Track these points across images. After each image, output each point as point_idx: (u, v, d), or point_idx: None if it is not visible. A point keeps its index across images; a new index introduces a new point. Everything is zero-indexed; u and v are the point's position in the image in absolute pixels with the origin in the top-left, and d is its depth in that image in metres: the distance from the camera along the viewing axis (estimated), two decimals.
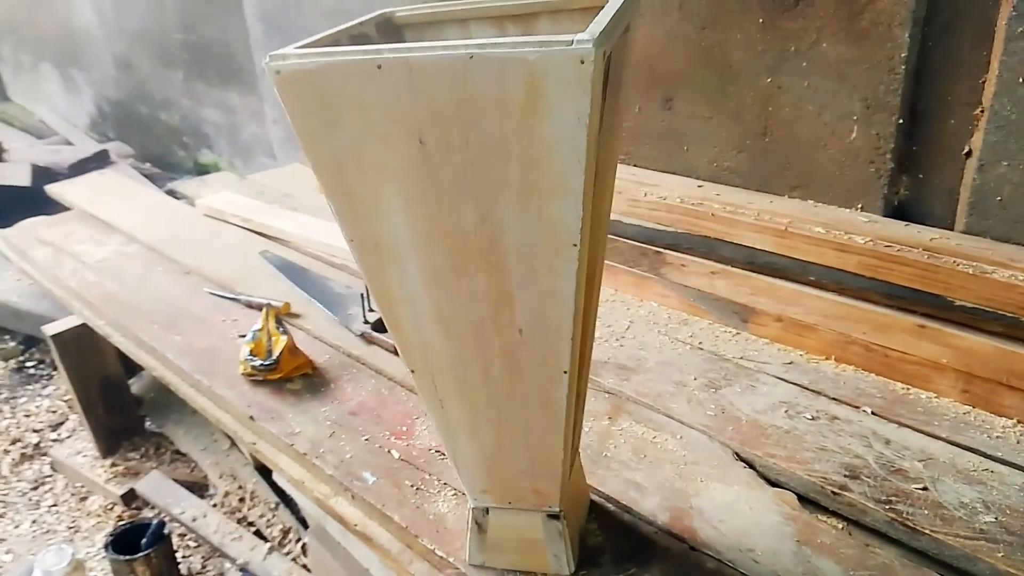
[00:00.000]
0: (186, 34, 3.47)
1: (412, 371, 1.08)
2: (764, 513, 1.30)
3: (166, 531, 1.94)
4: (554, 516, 1.18)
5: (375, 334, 1.83)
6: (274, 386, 1.71)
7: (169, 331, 1.96)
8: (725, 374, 1.65)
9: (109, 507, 2.25)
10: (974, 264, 1.43)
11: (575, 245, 0.90)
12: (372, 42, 1.10)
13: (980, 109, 1.43)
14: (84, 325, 2.22)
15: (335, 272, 2.22)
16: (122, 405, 2.36)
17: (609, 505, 1.34)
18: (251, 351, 1.72)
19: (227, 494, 2.14)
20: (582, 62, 0.78)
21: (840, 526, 1.30)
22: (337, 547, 1.80)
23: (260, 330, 1.74)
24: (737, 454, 1.43)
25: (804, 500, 1.34)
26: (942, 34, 1.44)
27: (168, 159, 4.05)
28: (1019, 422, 1.44)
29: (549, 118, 0.81)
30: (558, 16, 1.12)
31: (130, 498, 2.23)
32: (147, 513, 2.22)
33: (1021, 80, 1.35)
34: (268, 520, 2.06)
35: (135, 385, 2.51)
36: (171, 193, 2.99)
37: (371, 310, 1.89)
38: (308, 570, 1.92)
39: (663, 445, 1.46)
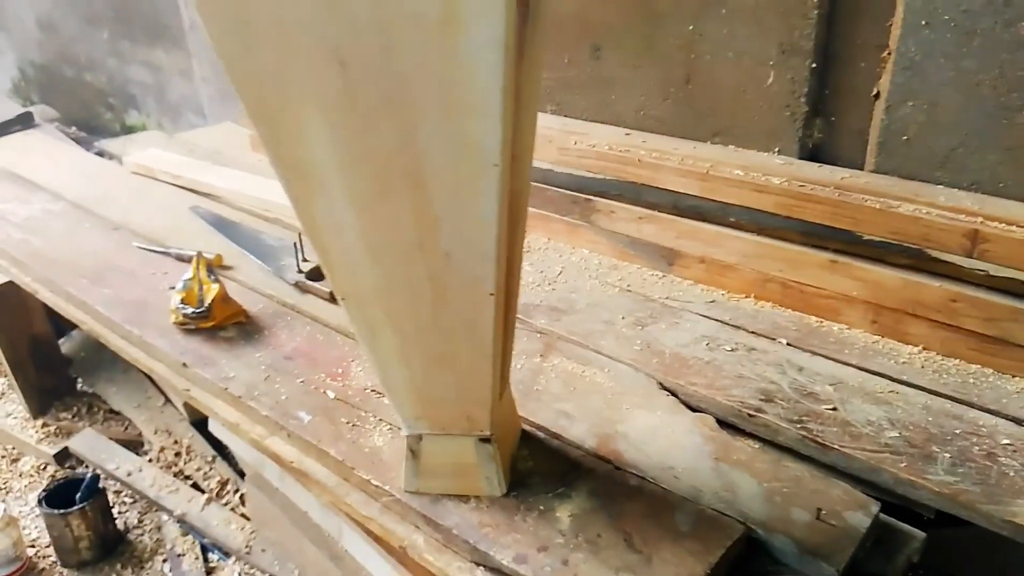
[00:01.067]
0: None
1: (342, 299, 1.10)
2: (685, 435, 1.37)
3: (100, 485, 1.93)
4: (485, 440, 1.22)
5: (309, 283, 1.84)
6: (207, 334, 1.71)
7: (98, 285, 1.94)
8: (651, 313, 1.71)
9: (42, 467, 2.22)
10: (881, 200, 1.51)
11: (496, 166, 0.93)
12: None
13: (887, 51, 1.50)
14: (10, 283, 2.17)
15: (267, 225, 2.21)
16: (52, 365, 2.32)
17: (540, 433, 1.39)
18: (183, 300, 1.71)
19: (162, 449, 2.13)
20: None
21: (756, 446, 1.37)
22: (275, 492, 1.81)
23: (191, 279, 1.73)
24: (661, 384, 1.50)
25: (723, 424, 1.41)
26: None
27: (94, 122, 3.94)
28: (924, 348, 1.54)
29: (466, 37, 0.84)
30: None
31: (63, 457, 2.21)
32: (81, 471, 2.19)
33: (924, 23, 1.42)
34: (205, 473, 2.06)
35: (65, 345, 2.47)
36: (99, 154, 2.92)
37: (305, 259, 1.89)
38: (247, 518, 1.93)
39: (592, 378, 1.52)
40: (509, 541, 1.18)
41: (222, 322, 1.72)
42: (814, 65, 1.59)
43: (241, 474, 2.06)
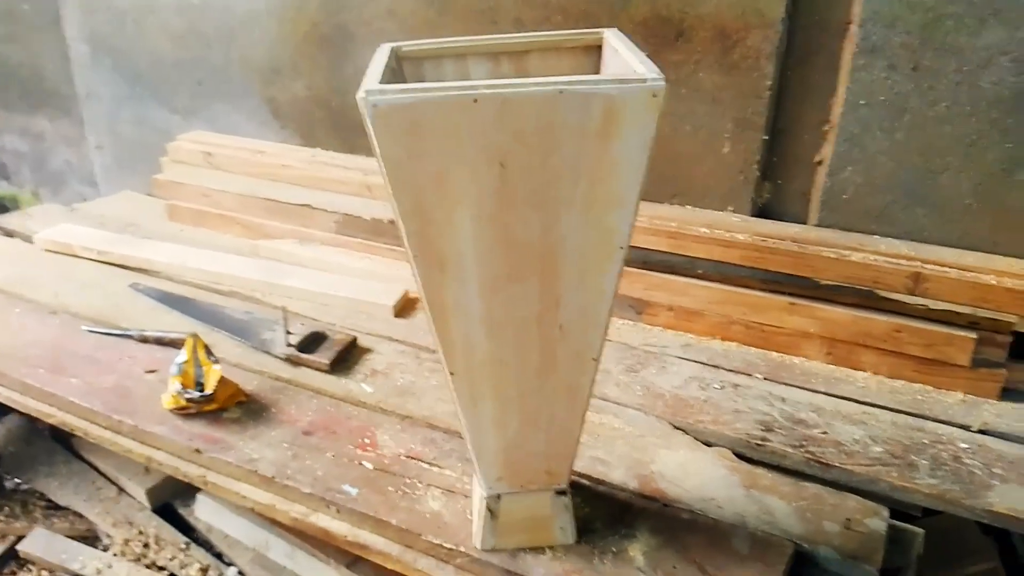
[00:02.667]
0: None
1: (452, 373, 1.17)
2: (711, 468, 1.53)
3: None
4: (562, 492, 1.32)
5: (302, 355, 1.85)
6: (210, 417, 1.67)
7: (60, 374, 1.83)
8: (638, 359, 1.87)
9: None
10: (834, 250, 1.78)
11: (622, 248, 1.06)
12: (397, 74, 1.19)
13: (829, 125, 1.78)
14: None
15: (225, 299, 2.17)
16: None
17: (584, 480, 1.50)
18: (182, 384, 1.67)
19: (127, 542, 2.01)
20: (654, 95, 0.95)
21: (769, 471, 1.56)
22: (284, 571, 1.79)
23: (186, 362, 1.69)
24: (672, 424, 1.66)
25: (736, 454, 1.59)
26: (799, 65, 1.78)
27: None
28: (874, 373, 1.80)
29: (620, 142, 0.97)
30: (547, 54, 1.27)
31: (2, 564, 2.02)
32: (25, 575, 2.03)
33: (862, 102, 1.71)
34: (181, 561, 1.97)
35: None
36: None
37: (290, 332, 1.89)
38: None
39: (610, 424, 1.66)
40: None
41: (224, 403, 1.70)
42: (765, 137, 1.84)
43: (219, 556, 2.00)
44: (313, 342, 1.90)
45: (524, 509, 1.33)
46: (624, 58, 1.09)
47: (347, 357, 1.88)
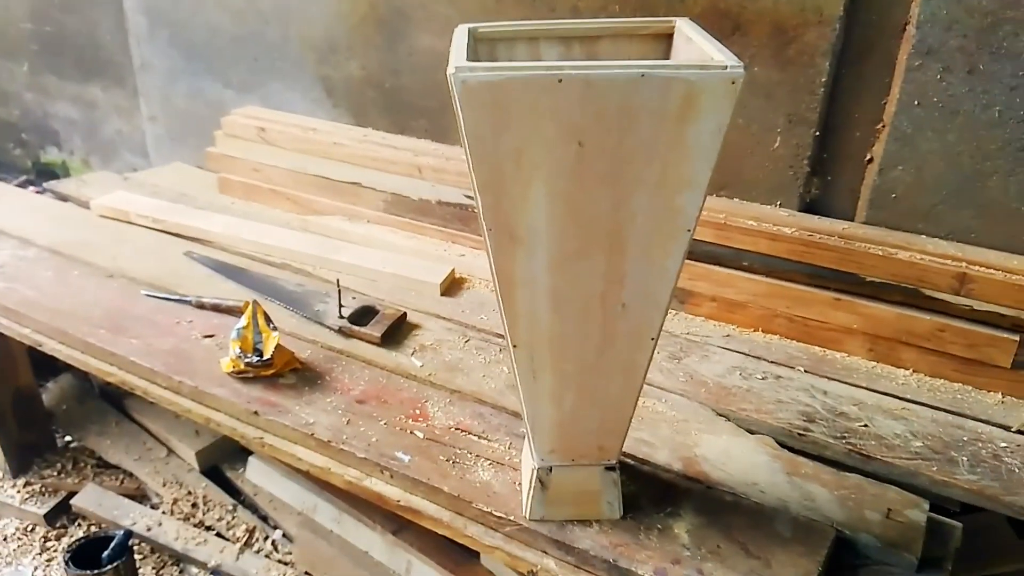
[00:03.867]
0: (37, 24, 3.20)
1: (514, 346, 1.21)
2: (754, 455, 1.57)
3: (130, 542, 1.88)
4: (611, 468, 1.36)
5: (354, 327, 1.90)
6: (266, 382, 1.73)
7: (120, 335, 1.90)
8: (681, 347, 1.91)
9: (28, 528, 2.10)
10: (881, 248, 1.80)
11: (689, 231, 1.10)
12: (473, 53, 1.23)
13: (881, 124, 1.80)
14: None
15: (277, 271, 2.23)
16: (34, 419, 2.21)
17: (629, 460, 1.54)
18: (241, 348, 1.73)
19: (176, 501, 2.08)
20: (733, 83, 0.98)
21: (810, 461, 1.59)
22: (330, 535, 1.85)
23: (245, 327, 1.75)
24: (715, 410, 1.69)
25: (778, 443, 1.63)
26: (854, 63, 1.80)
27: None
28: (914, 371, 1.83)
29: (696, 126, 1.01)
30: (618, 40, 1.31)
31: (53, 516, 2.10)
32: (73, 529, 2.10)
33: (916, 103, 1.73)
34: (228, 522, 2.04)
35: (44, 397, 2.34)
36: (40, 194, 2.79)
37: (343, 305, 1.95)
38: (285, 564, 1.94)
39: (653, 408, 1.69)
40: (643, 557, 1.32)
41: (281, 369, 1.76)
42: (816, 133, 1.87)
43: (265, 519, 2.06)
44: (364, 315, 1.95)
45: (574, 482, 1.37)
46: (700, 46, 1.12)
47: (396, 331, 1.93)
